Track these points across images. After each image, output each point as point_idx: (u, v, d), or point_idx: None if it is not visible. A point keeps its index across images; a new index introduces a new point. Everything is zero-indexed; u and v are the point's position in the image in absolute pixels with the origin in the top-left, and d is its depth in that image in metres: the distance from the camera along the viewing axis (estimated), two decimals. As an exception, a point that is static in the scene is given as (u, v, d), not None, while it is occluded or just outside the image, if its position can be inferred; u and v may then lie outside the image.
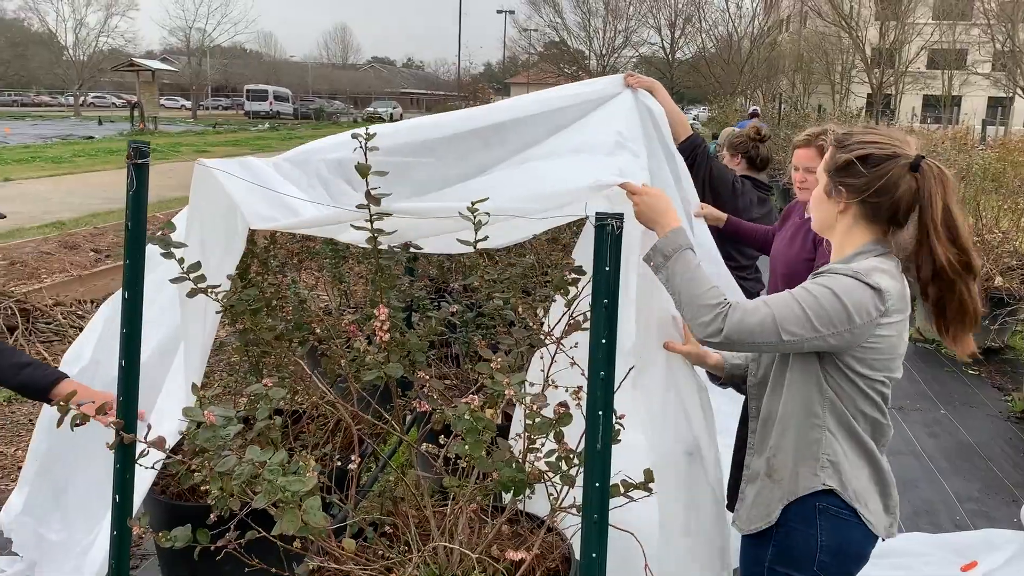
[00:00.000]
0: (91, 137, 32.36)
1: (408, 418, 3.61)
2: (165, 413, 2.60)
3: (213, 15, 61.72)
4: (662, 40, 47.63)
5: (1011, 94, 38.47)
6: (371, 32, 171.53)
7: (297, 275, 5.01)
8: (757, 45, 43.77)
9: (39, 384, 2.77)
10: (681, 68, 48.06)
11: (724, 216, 3.94)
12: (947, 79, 40.31)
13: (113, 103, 68.10)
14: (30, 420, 4.98)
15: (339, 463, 2.59)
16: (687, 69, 48.23)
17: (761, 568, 2.16)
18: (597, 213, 2.06)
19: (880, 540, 2.11)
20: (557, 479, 2.30)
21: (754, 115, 16.89)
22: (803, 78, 40.97)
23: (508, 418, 3.58)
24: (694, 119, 48.43)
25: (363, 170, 2.20)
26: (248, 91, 59.98)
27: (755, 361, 2.25)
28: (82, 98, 57.32)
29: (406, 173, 2.57)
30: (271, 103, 59.07)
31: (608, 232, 2.05)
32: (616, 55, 48.91)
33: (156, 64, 44.00)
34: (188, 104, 63.24)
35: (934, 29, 40.52)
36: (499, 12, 58.38)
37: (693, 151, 3.99)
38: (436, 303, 3.97)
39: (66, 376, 2.83)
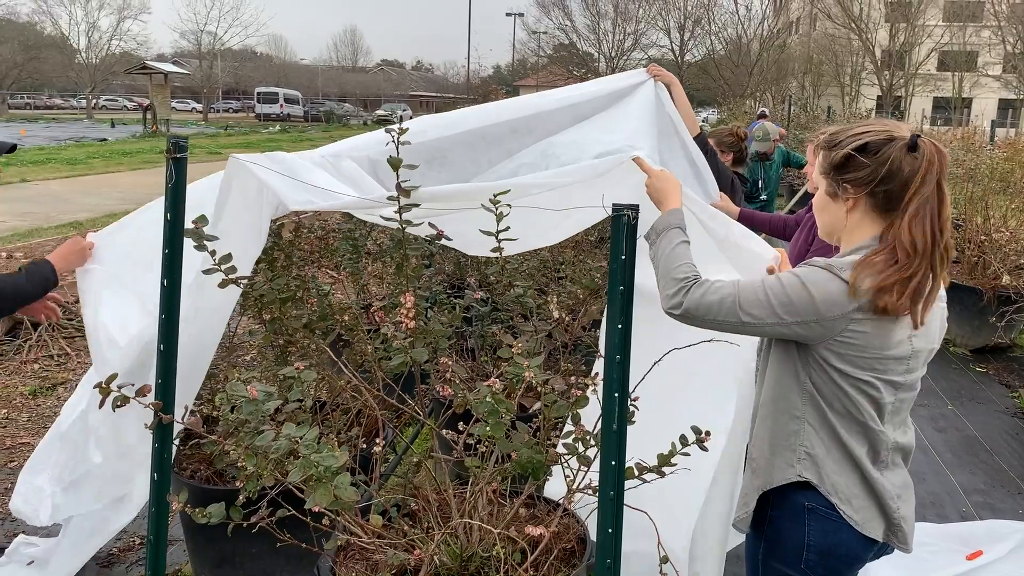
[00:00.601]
0: (104, 139, 32.63)
1: (428, 408, 3.72)
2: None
3: (224, 18, 62.39)
4: (671, 42, 47.67)
5: (1021, 96, 38.38)
6: (381, 35, 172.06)
7: (316, 272, 5.13)
8: (766, 47, 43.71)
9: (40, 276, 2.84)
10: (690, 70, 48.01)
11: (737, 209, 4.15)
12: (957, 81, 40.25)
13: (125, 106, 68.56)
14: (54, 412, 5.11)
15: (363, 447, 2.70)
16: (696, 71, 48.18)
17: (756, 561, 2.21)
18: (614, 204, 2.16)
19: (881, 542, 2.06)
20: (573, 461, 2.41)
21: (763, 116, 16.95)
22: (813, 80, 40.94)
23: (523, 409, 3.69)
24: (704, 120, 48.48)
25: (395, 163, 2.31)
26: (259, 94, 60.27)
27: (759, 354, 2.27)
28: (94, 101, 57.70)
29: (441, 155, 2.74)
30: (282, 106, 59.34)
31: (624, 222, 2.15)
32: (625, 57, 48.93)
33: (168, 67, 44.31)
34: (199, 107, 63.63)
35: (944, 31, 40.46)
36: (508, 15, 58.50)
37: (701, 149, 4.22)
38: (452, 298, 4.08)
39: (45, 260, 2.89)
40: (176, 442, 2.46)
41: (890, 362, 1.92)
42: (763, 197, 8.11)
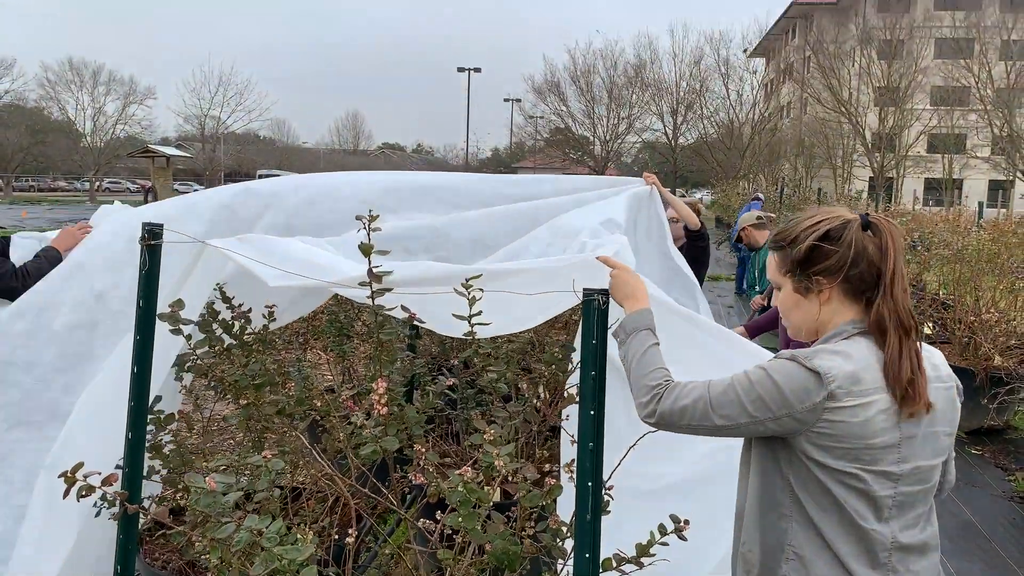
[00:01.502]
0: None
1: (409, 495, 3.65)
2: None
3: (228, 103, 63.42)
4: (664, 126, 48.68)
5: (1011, 177, 38.98)
6: (382, 119, 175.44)
7: (303, 353, 5.11)
8: (758, 131, 44.66)
9: (51, 257, 3.80)
10: (684, 153, 48.99)
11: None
12: (947, 163, 40.92)
13: (128, 188, 69.49)
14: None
15: (336, 538, 2.63)
16: (690, 154, 49.15)
17: None
18: (584, 289, 2.17)
19: None
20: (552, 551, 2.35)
21: (756, 199, 17.20)
22: (805, 162, 41.63)
23: (508, 495, 3.62)
24: (699, 201, 49.09)
25: (366, 249, 2.32)
26: (260, 175, 61.20)
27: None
28: (97, 183, 58.53)
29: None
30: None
31: (595, 307, 2.16)
32: (620, 140, 49.95)
33: (170, 151, 45.11)
34: (201, 188, 64.52)
35: (932, 115, 41.35)
36: (506, 100, 59.85)
37: (704, 238, 5.65)
38: (435, 380, 4.05)
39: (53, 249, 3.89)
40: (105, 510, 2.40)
41: (876, 451, 1.80)
42: (757, 288, 8.18)
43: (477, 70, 57.16)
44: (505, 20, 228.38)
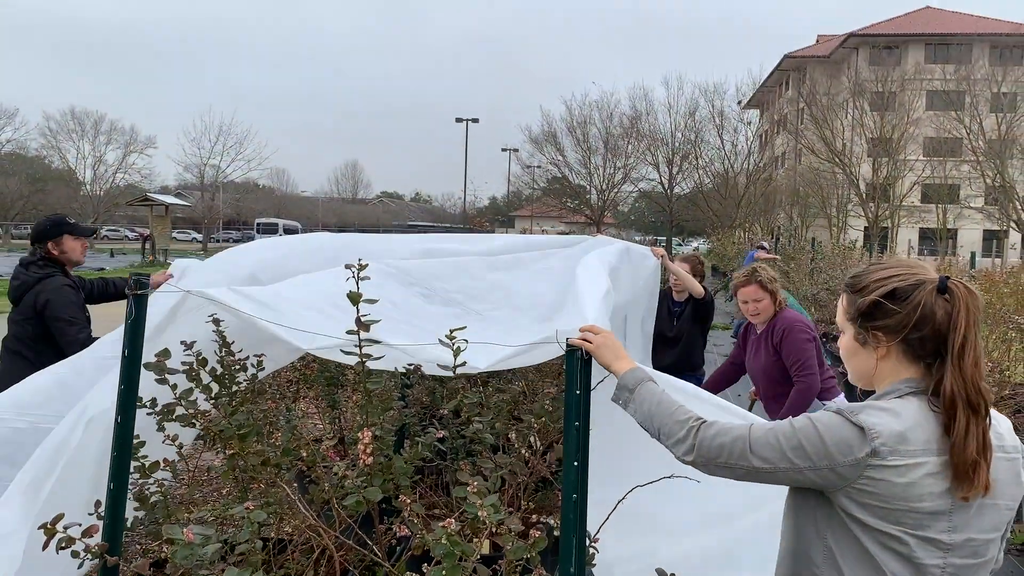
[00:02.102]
0: (102, 268, 32.97)
1: (398, 548, 3.61)
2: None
3: (228, 152, 63.93)
4: (660, 176, 49.09)
5: (1004, 227, 39.28)
6: (381, 168, 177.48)
7: (293, 403, 5.07)
8: (753, 181, 45.06)
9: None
10: (680, 202, 49.34)
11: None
12: (941, 213, 41.23)
13: (127, 236, 69.75)
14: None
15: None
16: (686, 203, 49.51)
17: None
18: (568, 339, 2.17)
19: None
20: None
21: (761, 248, 17.28)
22: (800, 212, 41.94)
23: (497, 548, 3.58)
24: (694, 250, 49.37)
25: (354, 298, 2.33)
26: (259, 224, 61.39)
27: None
28: (96, 231, 58.84)
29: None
30: (281, 236, 60.27)
31: (578, 357, 2.16)
32: (616, 190, 50.34)
33: (169, 199, 45.41)
34: (200, 237, 64.73)
35: (925, 165, 41.78)
36: (503, 150, 60.43)
37: (709, 304, 5.85)
38: (425, 429, 4.03)
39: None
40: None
41: (923, 517, 1.71)
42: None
43: (475, 120, 57.81)
44: (503, 72, 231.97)
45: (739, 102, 48.95)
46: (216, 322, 2.87)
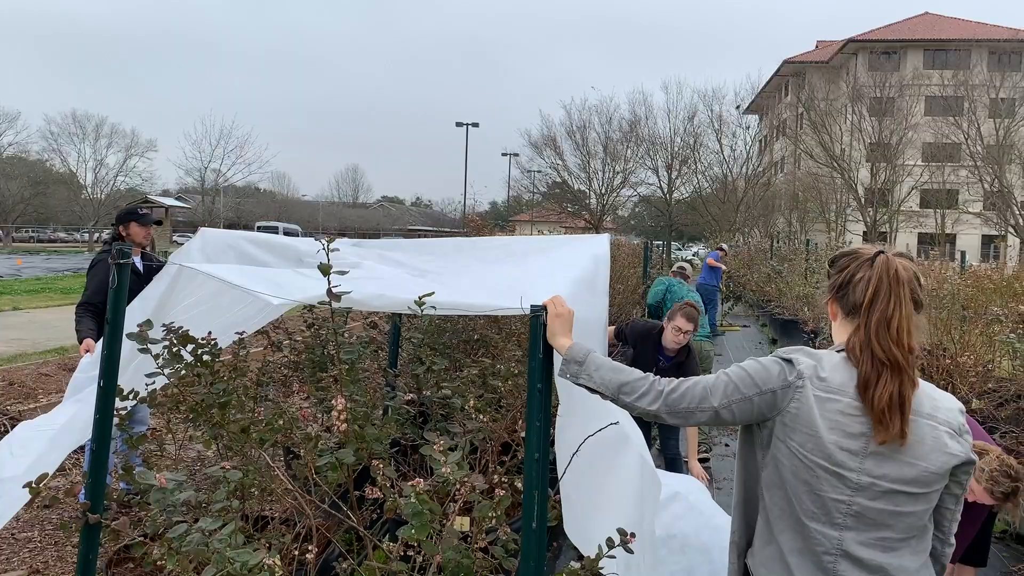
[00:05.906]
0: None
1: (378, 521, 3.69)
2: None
3: (228, 156, 64.04)
4: (659, 180, 49.17)
5: (1003, 232, 39.31)
6: (382, 173, 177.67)
7: (282, 395, 5.16)
8: (752, 185, 45.11)
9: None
10: (679, 207, 49.40)
11: None
12: (940, 218, 41.28)
13: (127, 238, 69.65)
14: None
15: (296, 552, 2.68)
16: (685, 207, 49.56)
17: None
18: (532, 306, 2.26)
19: None
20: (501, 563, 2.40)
21: (720, 249, 17.51)
22: (799, 216, 41.98)
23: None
24: (694, 255, 49.46)
25: (324, 269, 2.43)
26: (259, 227, 61.42)
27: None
28: (97, 234, 58.92)
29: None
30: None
31: (542, 322, 2.25)
32: (615, 194, 50.39)
33: (169, 201, 45.52)
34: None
35: (923, 170, 41.83)
36: (503, 155, 60.55)
37: (695, 363, 5.92)
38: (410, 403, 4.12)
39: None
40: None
41: (836, 451, 1.91)
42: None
43: (475, 125, 57.90)
44: (503, 77, 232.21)
45: (738, 107, 49.05)
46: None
